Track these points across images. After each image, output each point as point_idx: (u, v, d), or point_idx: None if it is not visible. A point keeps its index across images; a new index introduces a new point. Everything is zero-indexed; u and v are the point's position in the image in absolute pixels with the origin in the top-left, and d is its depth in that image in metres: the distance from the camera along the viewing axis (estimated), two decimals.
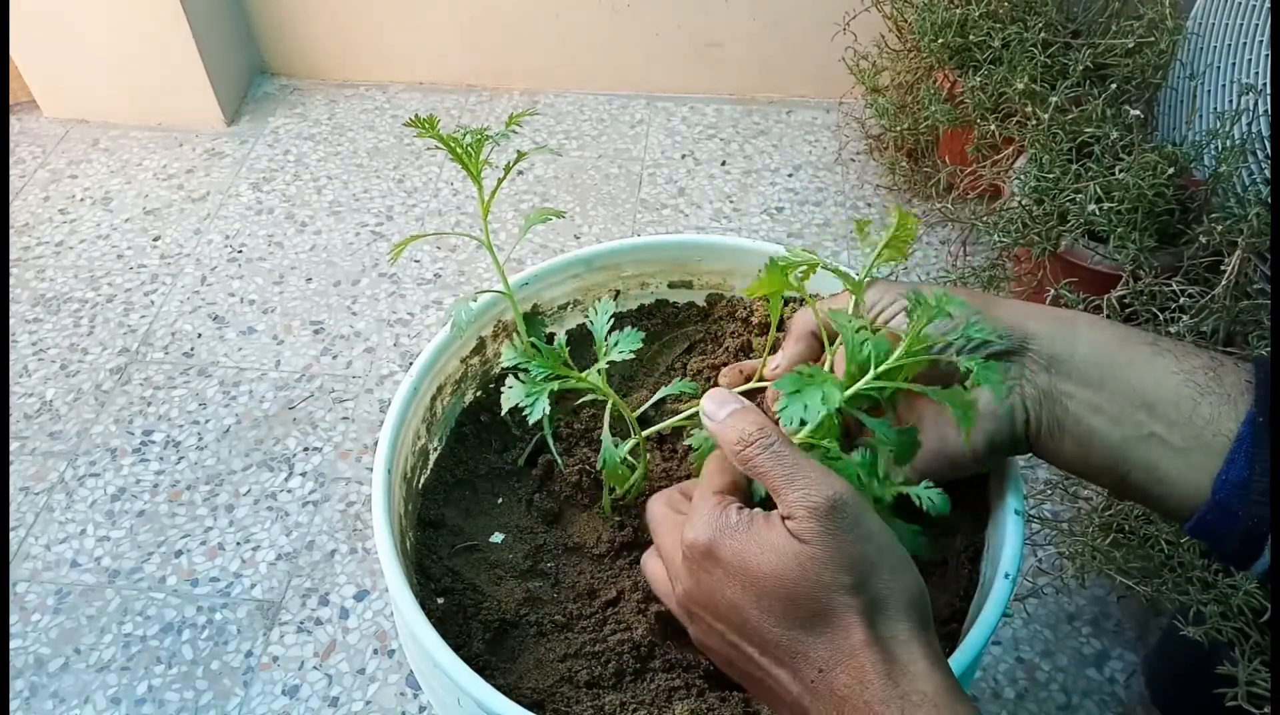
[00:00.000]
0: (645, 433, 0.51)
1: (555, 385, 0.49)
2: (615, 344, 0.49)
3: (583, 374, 0.49)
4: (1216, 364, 0.41)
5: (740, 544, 0.39)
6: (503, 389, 0.49)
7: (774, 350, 0.64)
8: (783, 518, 0.38)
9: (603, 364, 0.49)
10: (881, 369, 0.42)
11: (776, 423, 0.41)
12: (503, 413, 0.50)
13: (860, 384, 0.42)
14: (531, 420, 0.49)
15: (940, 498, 0.42)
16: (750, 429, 0.41)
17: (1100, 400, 0.42)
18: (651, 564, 0.47)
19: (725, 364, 0.64)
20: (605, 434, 0.49)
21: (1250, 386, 0.40)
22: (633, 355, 0.49)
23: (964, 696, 0.36)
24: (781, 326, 0.64)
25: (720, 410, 0.42)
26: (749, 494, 0.44)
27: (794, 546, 0.37)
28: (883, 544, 0.38)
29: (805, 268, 0.48)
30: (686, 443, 0.52)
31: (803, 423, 0.41)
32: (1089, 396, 0.42)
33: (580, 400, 0.59)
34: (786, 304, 0.64)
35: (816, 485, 0.38)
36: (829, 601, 0.37)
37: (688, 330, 0.67)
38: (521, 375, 0.49)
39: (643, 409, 0.51)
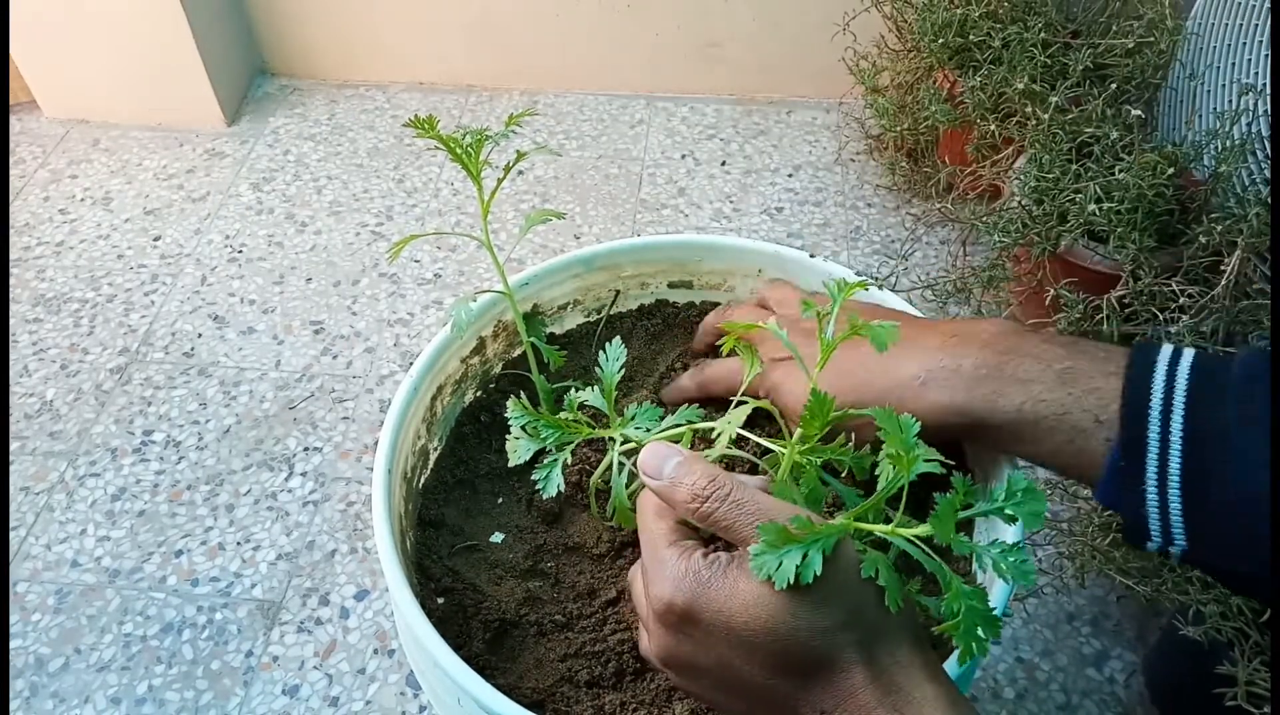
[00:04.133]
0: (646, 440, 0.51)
1: (567, 453, 0.48)
2: (633, 417, 0.48)
3: (600, 430, 0.48)
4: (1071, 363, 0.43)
5: (720, 601, 0.36)
6: (508, 441, 0.49)
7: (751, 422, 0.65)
8: None
9: (616, 433, 0.48)
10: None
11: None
12: (510, 465, 0.49)
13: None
14: (545, 496, 0.48)
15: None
16: (701, 482, 0.38)
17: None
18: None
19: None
20: (615, 478, 0.48)
21: (1116, 395, 0.41)
22: (647, 431, 0.48)
23: (968, 708, 0.36)
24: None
25: (664, 466, 0.39)
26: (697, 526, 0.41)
27: (779, 595, 0.35)
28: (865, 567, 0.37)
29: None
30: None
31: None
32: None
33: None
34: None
35: None
36: (826, 645, 0.35)
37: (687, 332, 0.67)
38: (530, 431, 0.48)
39: (656, 435, 0.50)
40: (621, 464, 0.49)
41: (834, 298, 0.43)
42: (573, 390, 0.50)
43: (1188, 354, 0.40)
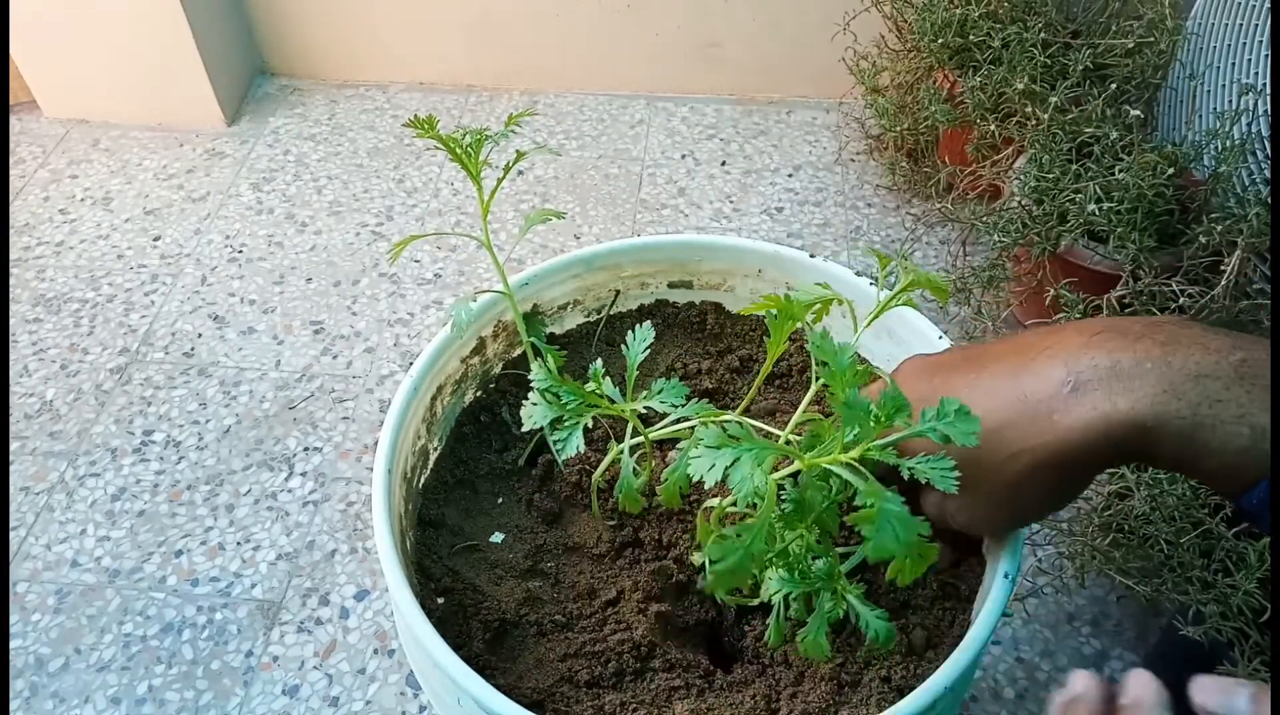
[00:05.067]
0: (654, 436, 0.51)
1: (589, 418, 0.48)
2: (659, 391, 0.48)
3: (618, 405, 0.48)
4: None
5: None
6: (523, 405, 0.48)
7: (768, 381, 0.63)
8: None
9: (639, 406, 0.48)
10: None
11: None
12: (522, 430, 0.48)
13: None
14: (563, 457, 0.48)
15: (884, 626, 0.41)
16: None
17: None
18: None
19: (725, 368, 0.64)
20: (625, 462, 0.48)
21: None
22: (673, 407, 0.48)
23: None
24: (782, 363, 0.64)
25: (1233, 701, 0.34)
26: None
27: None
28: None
29: (825, 304, 0.47)
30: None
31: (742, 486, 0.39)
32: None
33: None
34: (792, 341, 0.64)
35: None
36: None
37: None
38: (549, 398, 0.48)
39: (659, 432, 0.50)
40: (633, 449, 0.49)
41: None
42: (597, 363, 0.50)
43: None
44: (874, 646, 0.44)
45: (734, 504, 0.43)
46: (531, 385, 0.47)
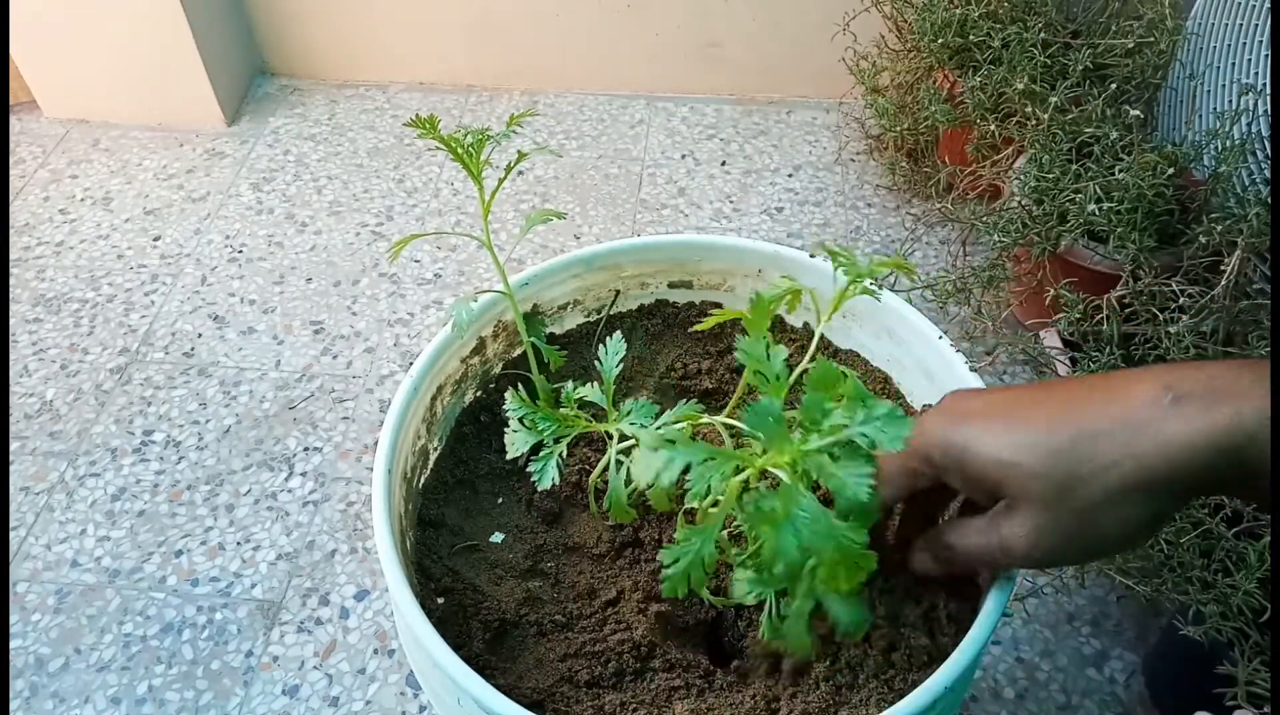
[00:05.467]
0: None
1: (564, 446, 0.48)
2: (628, 413, 0.48)
3: (597, 425, 0.48)
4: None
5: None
6: (506, 433, 0.49)
7: (750, 392, 0.63)
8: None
9: (613, 427, 0.48)
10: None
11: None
12: (508, 457, 0.49)
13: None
14: (541, 486, 0.48)
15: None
16: None
17: None
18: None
19: (725, 368, 0.64)
20: (613, 475, 0.48)
21: None
22: (643, 426, 0.48)
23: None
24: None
25: None
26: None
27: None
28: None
29: (789, 296, 0.46)
30: None
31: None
32: None
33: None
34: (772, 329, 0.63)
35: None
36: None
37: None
38: (527, 423, 0.48)
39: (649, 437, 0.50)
40: (620, 461, 0.48)
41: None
42: (570, 384, 0.50)
43: None
44: (846, 636, 0.43)
45: (714, 505, 0.43)
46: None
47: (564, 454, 0.48)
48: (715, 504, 0.39)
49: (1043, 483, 0.35)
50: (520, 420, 0.48)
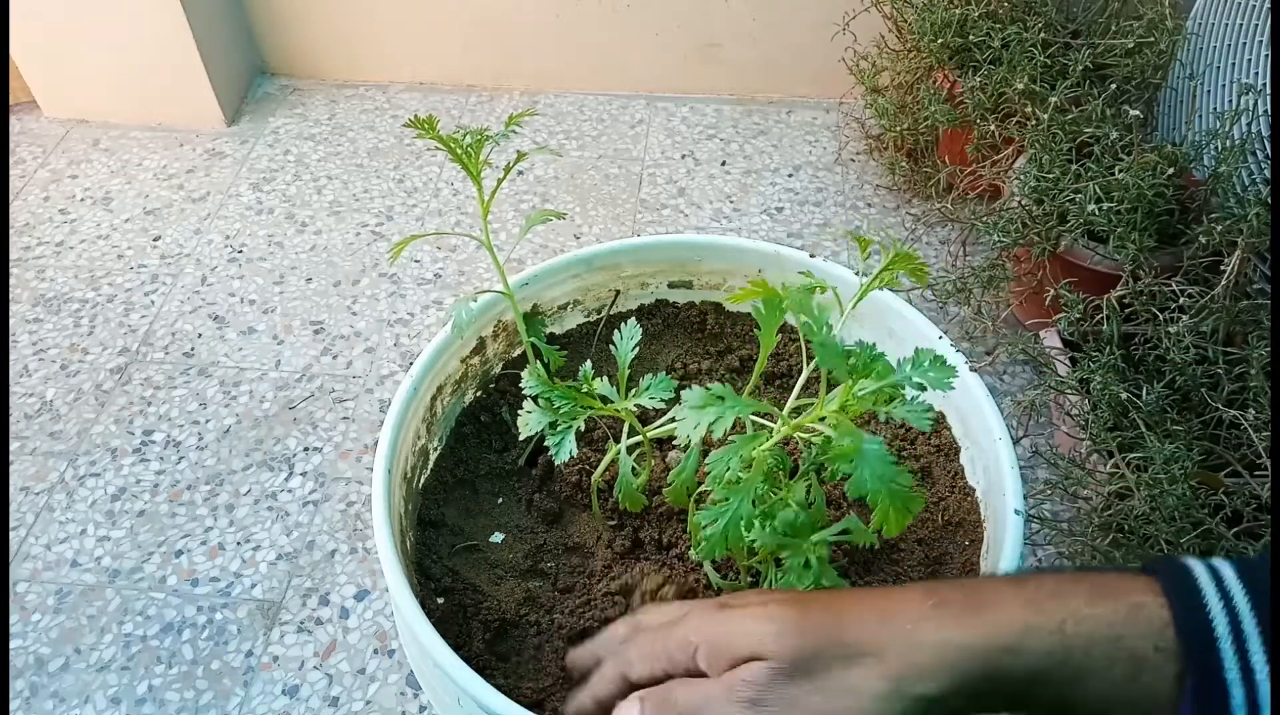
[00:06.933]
0: (651, 435, 0.51)
1: (581, 422, 0.48)
2: (648, 388, 0.48)
3: (611, 404, 0.48)
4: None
5: None
6: (519, 414, 0.49)
7: (769, 381, 0.63)
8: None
9: (629, 404, 0.48)
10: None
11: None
12: (520, 439, 0.49)
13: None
14: (558, 460, 0.48)
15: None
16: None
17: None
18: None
19: (725, 368, 0.64)
20: (623, 461, 0.48)
21: (1167, 626, 0.31)
22: (664, 404, 0.48)
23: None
24: (781, 363, 0.63)
25: None
26: None
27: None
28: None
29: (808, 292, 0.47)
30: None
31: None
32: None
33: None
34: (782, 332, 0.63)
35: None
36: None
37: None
38: (542, 403, 0.48)
39: (656, 430, 0.50)
40: (631, 449, 0.49)
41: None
42: (588, 365, 0.50)
43: (1226, 569, 0.32)
44: None
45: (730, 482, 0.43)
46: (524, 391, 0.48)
47: (581, 427, 0.48)
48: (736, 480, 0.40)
49: (791, 645, 0.34)
50: (535, 399, 0.48)
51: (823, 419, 0.39)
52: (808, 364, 0.44)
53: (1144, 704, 0.31)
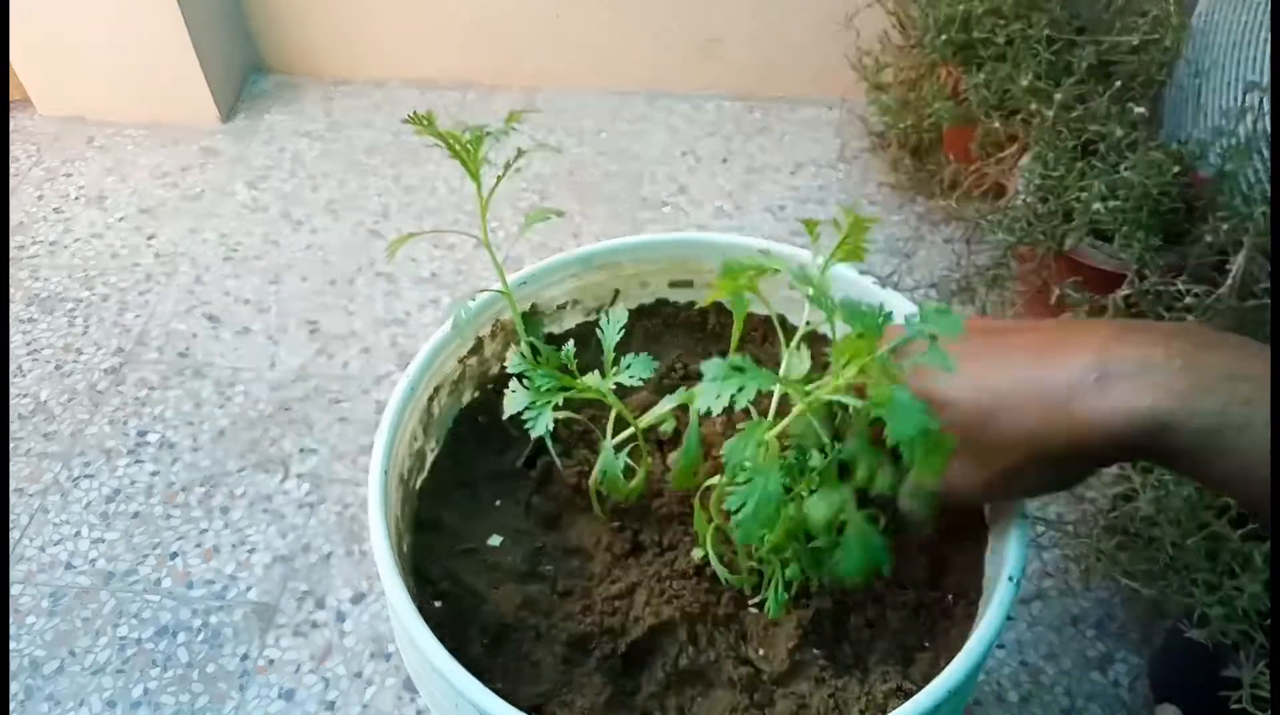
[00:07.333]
0: (643, 424, 0.50)
1: (560, 397, 0.48)
2: (628, 366, 0.48)
3: (589, 383, 0.48)
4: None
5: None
6: (505, 392, 0.49)
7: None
8: None
9: (610, 383, 0.48)
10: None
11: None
12: (504, 417, 0.49)
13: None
14: (534, 433, 0.48)
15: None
16: None
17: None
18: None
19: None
20: (606, 443, 0.48)
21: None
22: (642, 383, 0.48)
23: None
24: (746, 335, 0.63)
25: None
26: None
27: None
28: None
29: (760, 270, 0.48)
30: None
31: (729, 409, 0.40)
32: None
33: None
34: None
35: None
36: None
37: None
38: (525, 382, 0.48)
39: (650, 418, 0.50)
40: (625, 444, 0.49)
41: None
42: (570, 344, 0.50)
43: None
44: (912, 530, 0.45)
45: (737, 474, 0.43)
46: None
47: (559, 403, 0.48)
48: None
49: (964, 438, 0.38)
50: (518, 379, 0.48)
51: (844, 387, 0.40)
52: (787, 346, 0.46)
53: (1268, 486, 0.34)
